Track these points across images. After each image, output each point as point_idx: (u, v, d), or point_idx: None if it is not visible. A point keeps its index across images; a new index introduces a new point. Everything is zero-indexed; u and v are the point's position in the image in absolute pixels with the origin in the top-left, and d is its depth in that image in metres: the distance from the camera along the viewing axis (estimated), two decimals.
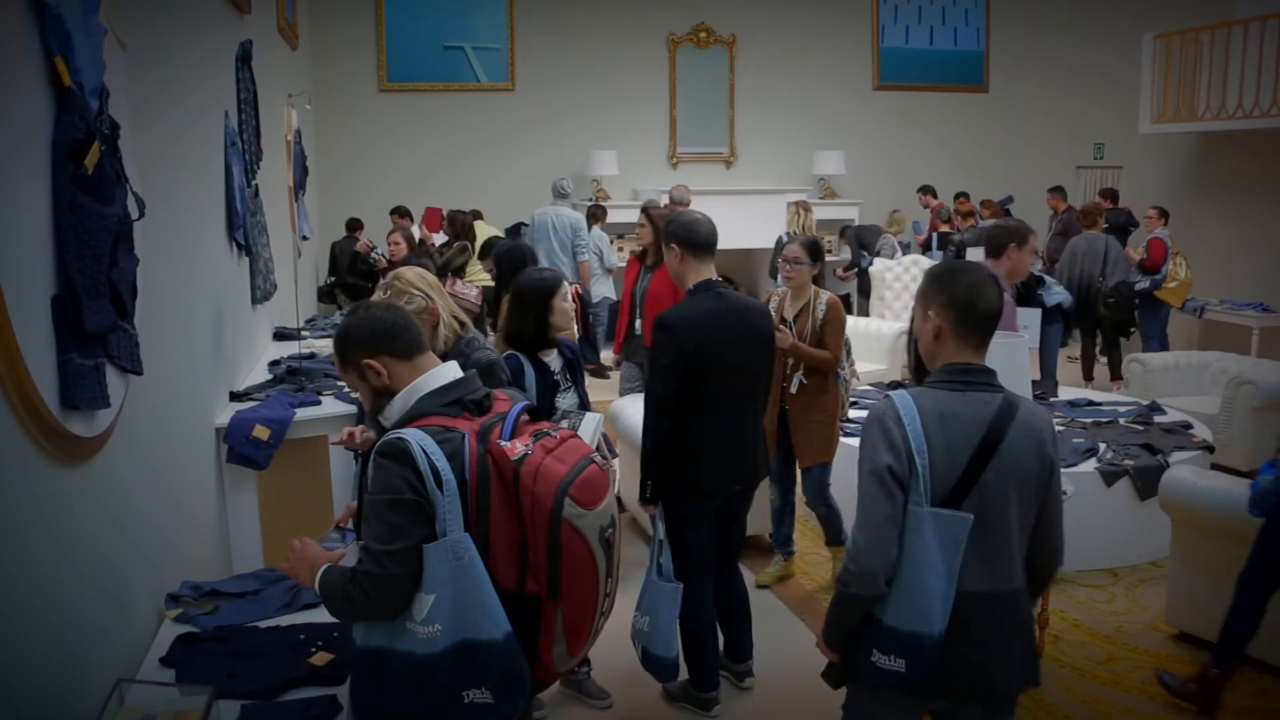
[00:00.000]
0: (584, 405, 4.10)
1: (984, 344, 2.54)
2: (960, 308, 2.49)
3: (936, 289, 2.54)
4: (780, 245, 9.82)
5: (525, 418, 2.38)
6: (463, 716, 2.20)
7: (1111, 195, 11.04)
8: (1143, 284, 9.33)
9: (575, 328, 6.12)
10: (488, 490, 2.20)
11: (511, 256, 5.32)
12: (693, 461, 3.79)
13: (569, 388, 4.04)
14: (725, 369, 3.78)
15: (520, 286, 3.97)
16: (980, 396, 2.47)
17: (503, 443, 2.23)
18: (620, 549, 2.40)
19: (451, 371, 2.38)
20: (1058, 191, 11.71)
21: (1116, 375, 9.31)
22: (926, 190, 12.45)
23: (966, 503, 2.39)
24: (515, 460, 2.20)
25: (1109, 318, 9.22)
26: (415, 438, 2.18)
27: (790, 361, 4.97)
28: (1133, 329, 9.52)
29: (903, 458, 2.39)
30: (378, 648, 2.24)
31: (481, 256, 9.22)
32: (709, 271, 3.90)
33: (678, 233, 3.88)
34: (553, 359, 4.01)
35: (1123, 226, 10.60)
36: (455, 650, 2.16)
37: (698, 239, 3.87)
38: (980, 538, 2.39)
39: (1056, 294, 8.01)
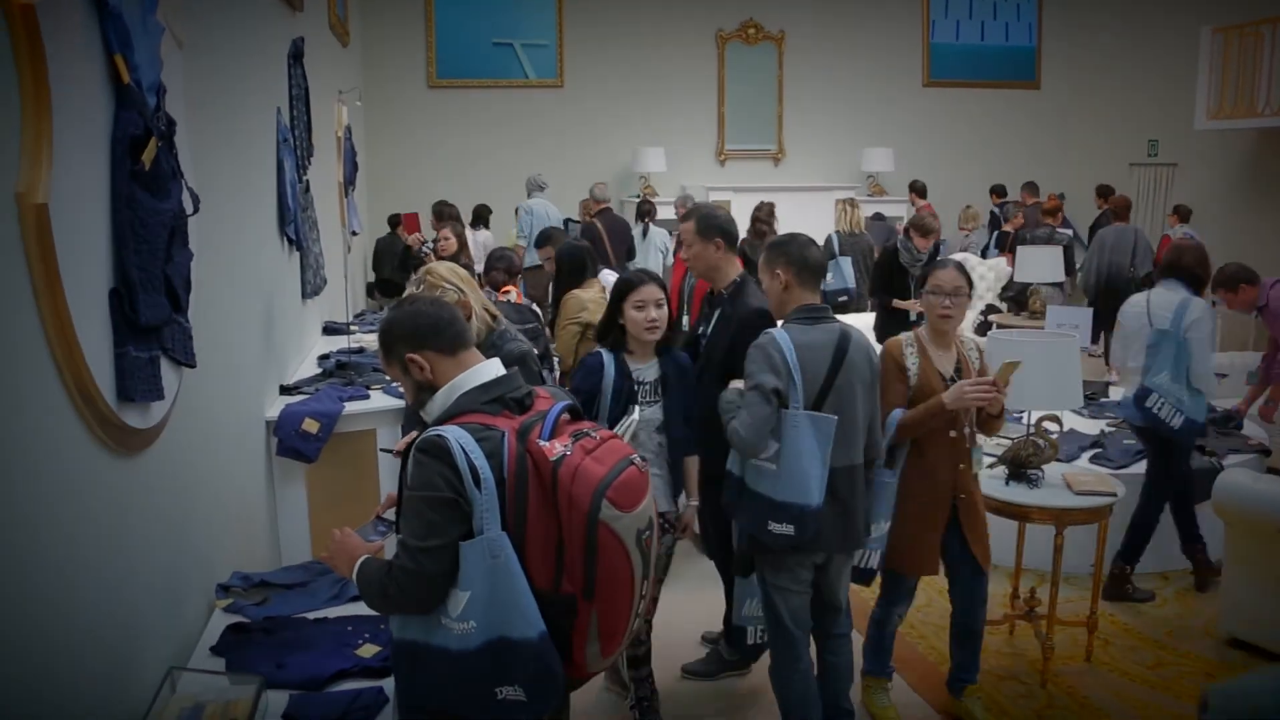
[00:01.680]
0: (672, 426, 3.83)
1: (818, 289, 3.51)
2: (798, 264, 3.46)
3: (779, 254, 3.48)
4: (830, 244, 9.39)
5: (566, 417, 2.37)
6: (496, 712, 2.20)
7: (1105, 192, 11.24)
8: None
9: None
10: (525, 490, 2.19)
11: (571, 258, 5.35)
12: None
13: (656, 402, 3.77)
14: None
15: (617, 283, 3.84)
16: (827, 327, 3.42)
17: (542, 442, 2.22)
18: (658, 550, 2.39)
19: (494, 369, 2.38)
20: (1028, 187, 12.09)
21: None
22: (997, 191, 12.29)
23: (828, 402, 3.33)
24: (554, 461, 2.19)
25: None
26: (455, 435, 2.18)
27: (968, 430, 3.80)
28: None
29: (784, 377, 3.28)
30: (413, 641, 2.25)
31: (539, 245, 9.37)
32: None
33: (724, 226, 3.98)
34: (648, 368, 3.76)
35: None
36: (489, 647, 2.16)
37: (734, 235, 4.00)
38: (838, 426, 3.29)
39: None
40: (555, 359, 4.91)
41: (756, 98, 13.17)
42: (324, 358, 5.43)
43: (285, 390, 4.62)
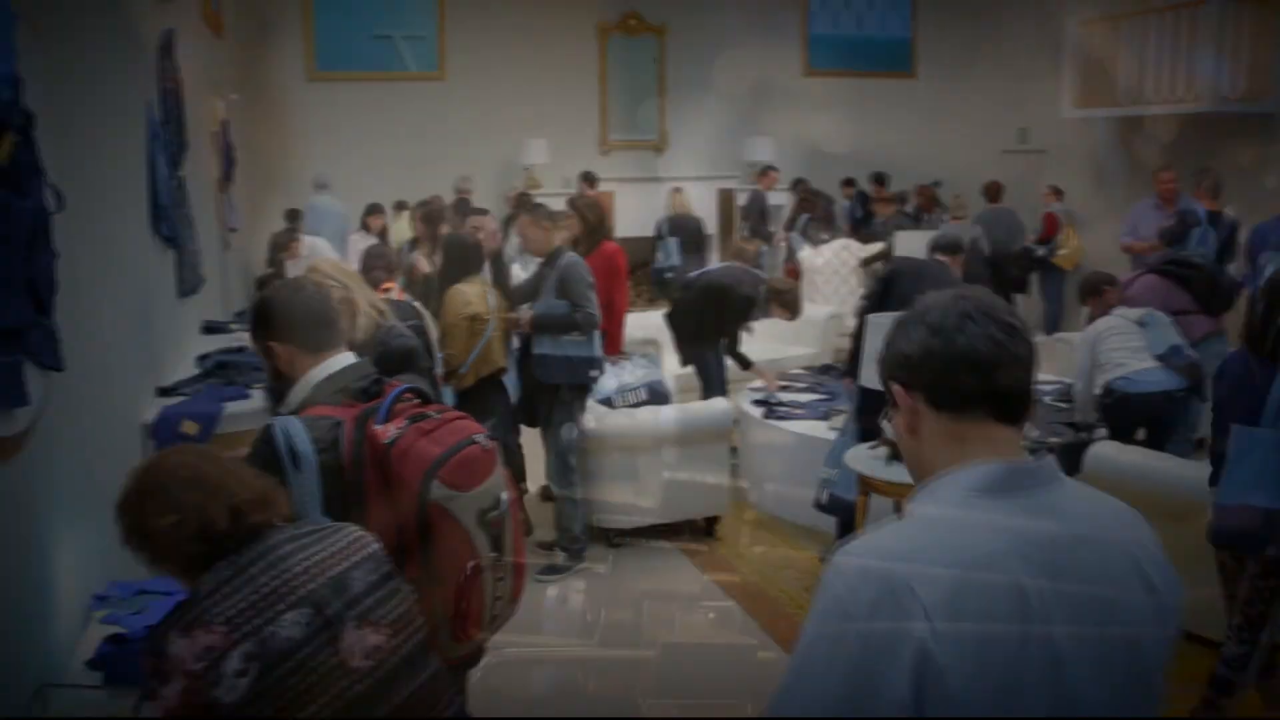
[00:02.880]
0: None
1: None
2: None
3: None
4: (661, 229, 10.37)
5: (410, 399, 2.37)
6: None
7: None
8: (1040, 252, 10.85)
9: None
10: (362, 476, 2.21)
11: (458, 251, 5.27)
12: None
13: None
14: None
15: None
16: None
17: (376, 427, 2.24)
18: (514, 530, 2.37)
19: (343, 360, 2.41)
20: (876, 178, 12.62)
21: None
22: (849, 183, 12.61)
23: None
24: (386, 443, 2.20)
25: (1016, 278, 10.76)
26: (281, 422, 2.23)
27: None
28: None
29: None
30: None
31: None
32: None
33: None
34: None
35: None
36: None
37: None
38: None
39: None
40: (438, 356, 4.87)
41: (638, 88, 13.21)
42: (203, 358, 5.28)
43: (163, 392, 4.49)
